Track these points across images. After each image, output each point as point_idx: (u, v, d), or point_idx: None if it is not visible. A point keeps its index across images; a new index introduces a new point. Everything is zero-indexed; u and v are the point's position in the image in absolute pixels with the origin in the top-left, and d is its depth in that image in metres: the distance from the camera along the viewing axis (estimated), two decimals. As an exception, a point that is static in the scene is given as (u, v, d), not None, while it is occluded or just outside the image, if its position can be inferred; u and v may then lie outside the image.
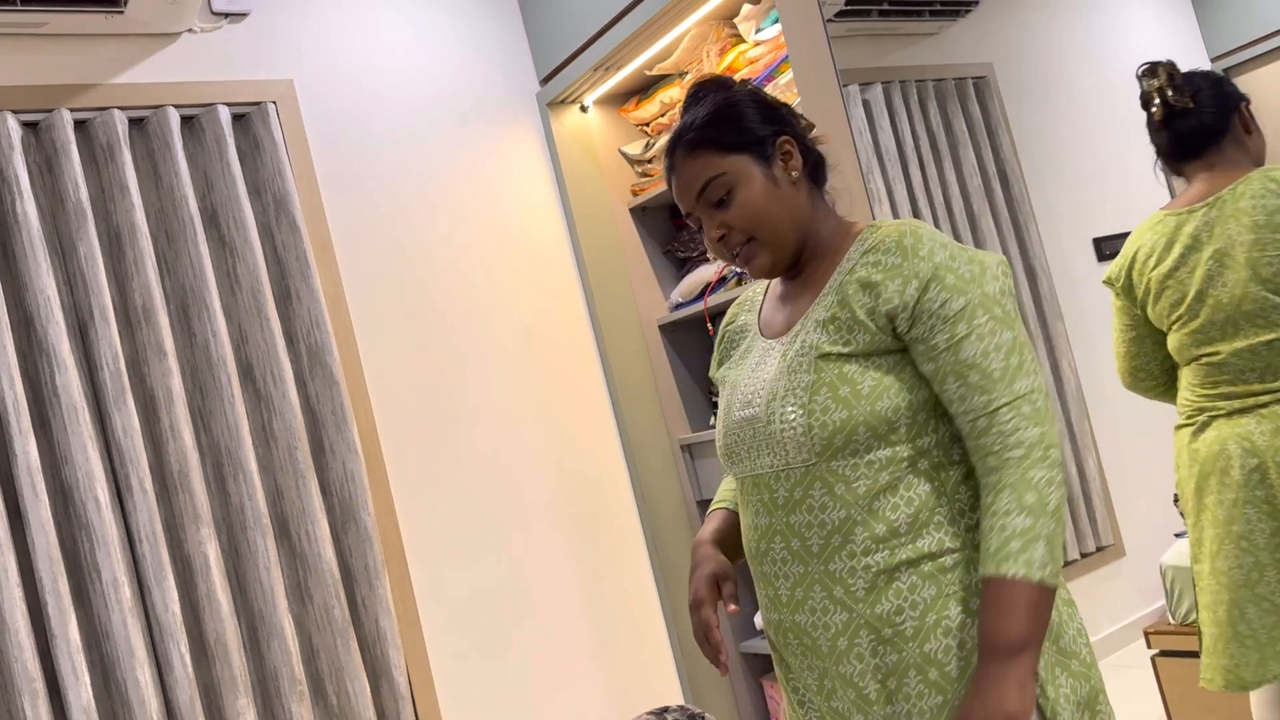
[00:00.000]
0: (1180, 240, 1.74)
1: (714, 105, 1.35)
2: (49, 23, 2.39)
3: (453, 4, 3.13)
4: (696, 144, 1.33)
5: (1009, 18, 2.39)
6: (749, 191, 1.31)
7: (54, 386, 2.31)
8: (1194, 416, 1.77)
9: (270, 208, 2.66)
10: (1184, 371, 1.81)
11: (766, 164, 1.32)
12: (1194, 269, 1.71)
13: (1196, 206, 1.76)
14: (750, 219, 1.32)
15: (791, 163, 1.33)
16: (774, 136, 1.33)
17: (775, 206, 1.32)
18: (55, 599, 2.20)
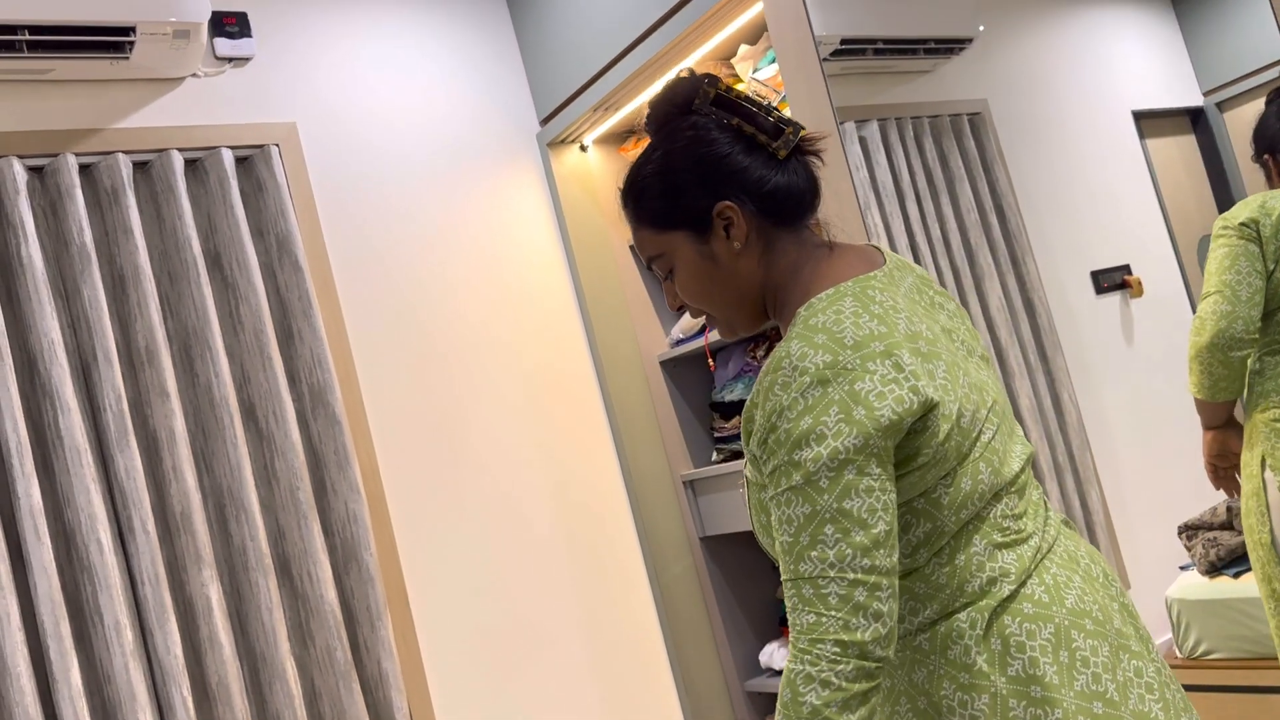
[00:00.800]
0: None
1: (654, 165, 1.22)
2: (55, 69, 2.42)
3: (454, 46, 3.17)
4: (635, 219, 1.25)
5: (1002, 55, 2.42)
6: (686, 273, 1.22)
7: (57, 428, 2.31)
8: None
9: (273, 248, 2.68)
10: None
11: (704, 240, 1.20)
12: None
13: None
14: (695, 299, 1.23)
15: (734, 231, 1.18)
16: (710, 206, 1.19)
17: (716, 287, 1.21)
18: (57, 642, 2.19)
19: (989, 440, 1.15)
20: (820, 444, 1.04)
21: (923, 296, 1.22)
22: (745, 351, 3.07)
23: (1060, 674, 1.09)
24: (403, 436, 2.81)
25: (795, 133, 1.20)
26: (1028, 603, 1.12)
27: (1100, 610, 1.14)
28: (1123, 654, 1.12)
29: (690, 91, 1.22)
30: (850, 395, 1.05)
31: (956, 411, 1.10)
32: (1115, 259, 2.38)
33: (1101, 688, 1.09)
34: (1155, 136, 2.42)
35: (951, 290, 2.34)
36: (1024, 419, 2.33)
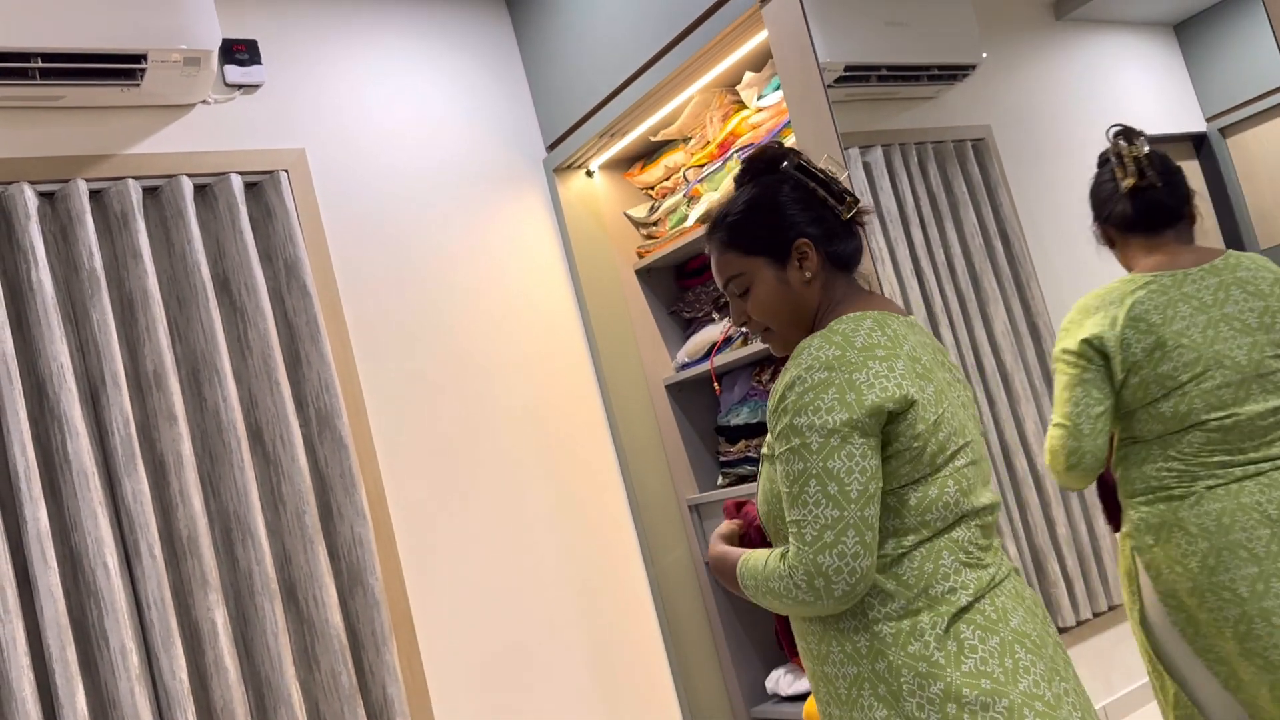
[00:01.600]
0: (1187, 299, 1.74)
1: (746, 203, 1.49)
2: (66, 95, 2.44)
3: (461, 73, 3.20)
4: (724, 243, 1.50)
5: (1006, 81, 2.44)
6: (763, 292, 1.47)
7: (65, 453, 2.32)
8: (1187, 485, 1.72)
9: (281, 274, 2.70)
10: (1157, 443, 1.76)
11: (782, 267, 1.46)
12: (1206, 329, 1.72)
13: (1191, 270, 1.77)
14: (764, 315, 1.48)
15: (806, 263, 1.45)
16: (793, 240, 1.46)
17: (785, 307, 1.47)
18: (63, 666, 2.19)
19: (961, 466, 1.38)
20: (815, 415, 1.31)
21: (939, 352, 1.46)
22: (751, 376, 3.07)
23: (1006, 675, 1.30)
24: (408, 461, 2.81)
25: (855, 203, 1.48)
26: (980, 615, 1.34)
27: (1038, 636, 1.36)
28: (1055, 677, 1.33)
29: (780, 155, 1.51)
30: (847, 382, 1.32)
31: (935, 419, 1.35)
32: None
33: (1040, 692, 1.30)
34: (1159, 162, 2.43)
35: (956, 315, 2.35)
36: (1029, 444, 2.33)
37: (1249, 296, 1.74)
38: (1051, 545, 2.30)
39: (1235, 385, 1.70)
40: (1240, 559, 1.67)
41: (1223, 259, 1.79)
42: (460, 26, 3.24)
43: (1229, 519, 1.68)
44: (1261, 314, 1.74)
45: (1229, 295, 1.75)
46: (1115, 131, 1.88)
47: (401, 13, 3.13)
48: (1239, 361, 1.71)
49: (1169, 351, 1.72)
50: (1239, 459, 1.71)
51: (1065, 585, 2.29)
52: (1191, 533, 1.71)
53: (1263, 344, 1.72)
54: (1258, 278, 1.76)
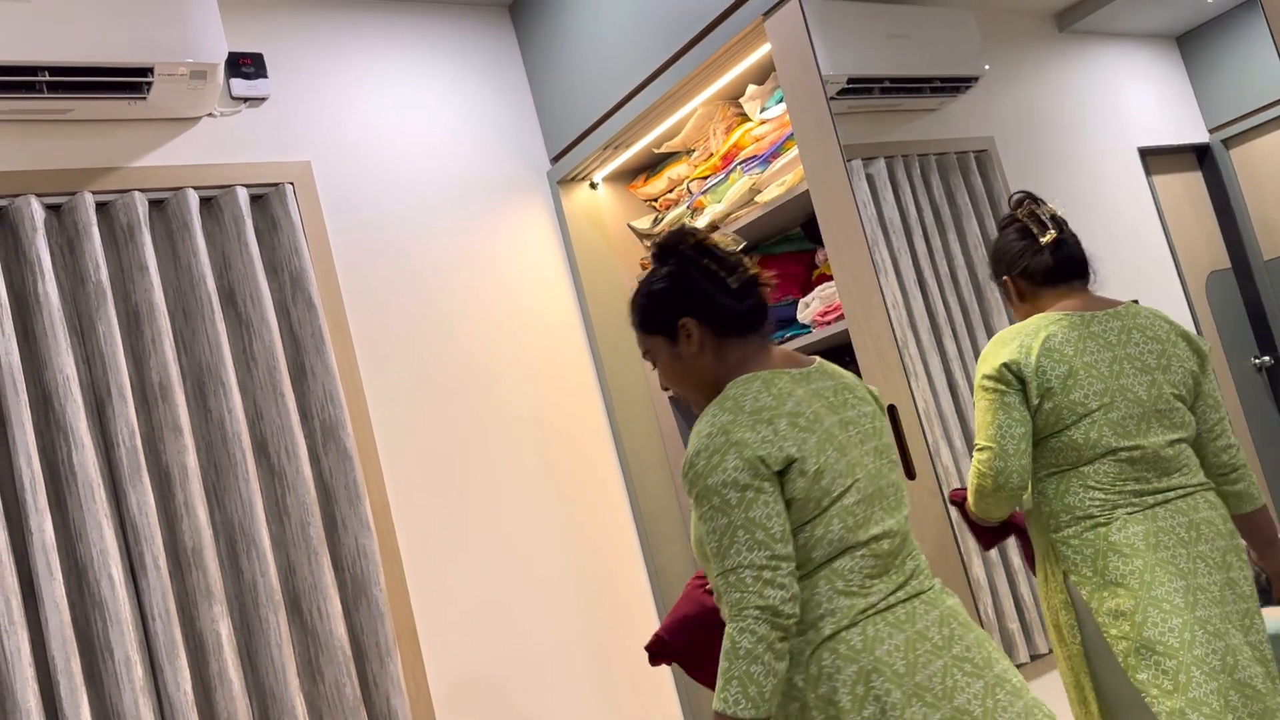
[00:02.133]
0: (1094, 337, 1.91)
1: (646, 288, 1.69)
2: (74, 109, 2.46)
3: (466, 86, 3.21)
4: (633, 324, 1.73)
5: (1008, 93, 2.44)
6: (664, 364, 1.69)
7: (71, 464, 2.33)
8: (1110, 512, 1.85)
9: (286, 286, 2.70)
10: (1074, 474, 1.88)
11: (675, 343, 1.65)
12: (1112, 364, 1.88)
13: (1098, 312, 1.94)
14: (670, 382, 1.70)
15: (692, 340, 1.63)
16: (677, 320, 1.64)
17: (684, 376, 1.67)
18: (67, 678, 2.20)
19: (849, 504, 1.53)
20: (724, 474, 1.48)
21: (836, 396, 1.62)
22: (755, 387, 3.07)
23: (854, 704, 1.45)
24: (413, 472, 2.82)
25: (745, 271, 1.65)
26: (843, 644, 1.48)
27: (906, 665, 1.47)
28: (915, 701, 1.45)
29: (677, 239, 1.68)
30: (739, 442, 1.49)
31: (816, 469, 1.51)
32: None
33: (886, 719, 1.44)
34: (1162, 173, 2.43)
35: (959, 325, 2.35)
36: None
37: (1148, 340, 1.92)
38: (1056, 556, 2.30)
39: (1138, 418, 1.86)
40: (1170, 573, 1.79)
41: (1125, 307, 1.97)
42: (465, 40, 3.25)
43: (1154, 539, 1.82)
44: (1159, 356, 1.91)
45: (1130, 338, 1.92)
46: (1020, 197, 2.05)
47: (407, 26, 3.15)
48: (1140, 396, 1.87)
49: (1080, 380, 1.86)
50: (1148, 488, 1.86)
51: (1070, 596, 2.29)
52: (1125, 553, 1.81)
53: (1160, 382, 1.89)
54: (1155, 325, 1.95)
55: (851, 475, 1.55)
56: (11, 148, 2.47)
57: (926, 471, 2.24)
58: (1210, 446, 1.95)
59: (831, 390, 1.62)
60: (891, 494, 1.60)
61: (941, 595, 1.59)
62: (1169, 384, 1.90)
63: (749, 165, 2.83)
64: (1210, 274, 2.39)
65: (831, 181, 2.34)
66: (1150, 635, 1.78)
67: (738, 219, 2.88)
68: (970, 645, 1.54)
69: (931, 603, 1.56)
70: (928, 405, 2.27)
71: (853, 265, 2.32)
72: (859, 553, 1.53)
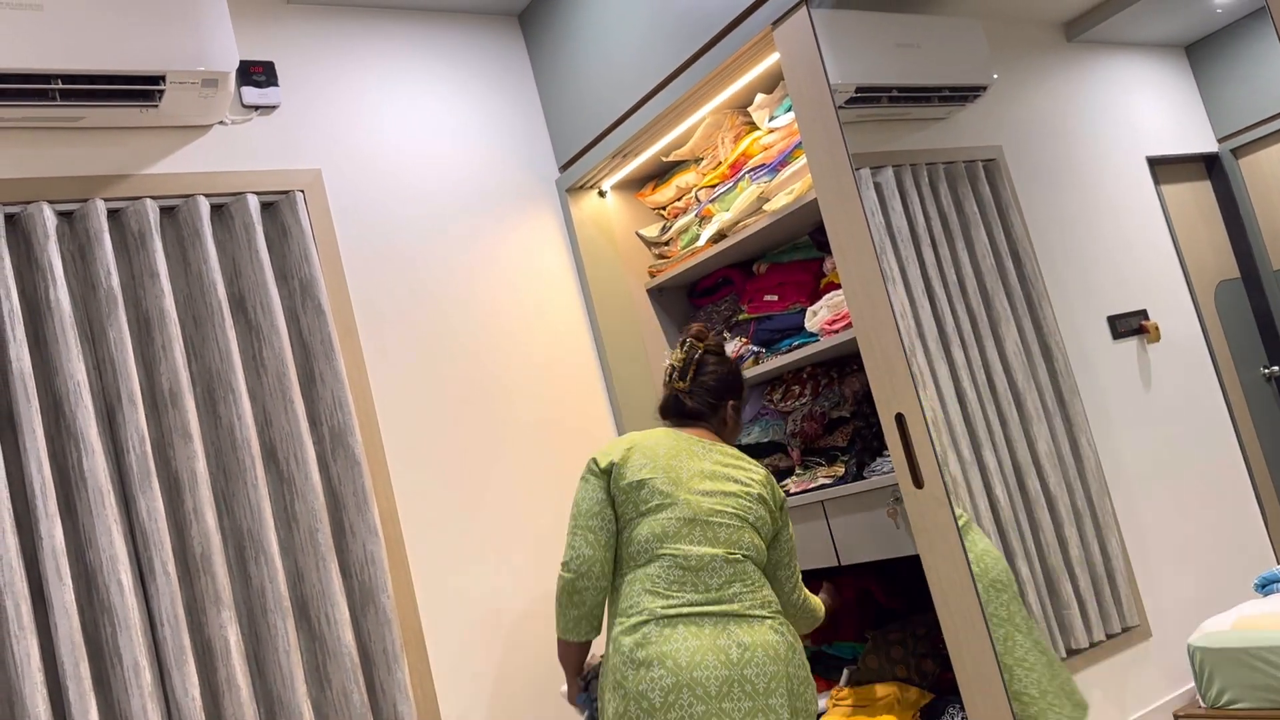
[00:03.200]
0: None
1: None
2: (86, 117, 2.48)
3: (475, 94, 3.22)
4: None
5: (1017, 102, 2.45)
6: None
7: (81, 470, 2.34)
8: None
9: (296, 293, 2.72)
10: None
11: None
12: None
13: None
14: None
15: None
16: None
17: None
18: (76, 683, 2.20)
19: (661, 519, 2.13)
20: (581, 479, 2.22)
21: (708, 455, 2.23)
22: (762, 395, 3.07)
23: (610, 690, 2.03)
24: (421, 479, 2.82)
25: (672, 380, 2.36)
26: (624, 640, 2.04)
27: (620, 676, 2.03)
28: (630, 697, 2.00)
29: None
30: (595, 457, 2.23)
31: (635, 480, 2.16)
32: (1131, 304, 2.38)
33: (628, 714, 1.99)
34: (1170, 182, 2.43)
35: (967, 334, 2.35)
36: (1041, 464, 2.32)
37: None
38: (1064, 566, 2.29)
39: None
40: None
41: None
42: (475, 48, 3.27)
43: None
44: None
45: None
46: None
47: (417, 35, 3.16)
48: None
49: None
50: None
51: (1079, 606, 2.28)
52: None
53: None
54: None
55: (673, 499, 2.13)
56: (24, 155, 2.49)
57: (934, 480, 2.24)
58: None
59: (704, 449, 2.24)
60: (721, 532, 2.12)
61: (753, 625, 2.05)
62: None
63: (757, 174, 2.83)
64: (1219, 284, 2.39)
65: (840, 190, 2.34)
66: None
67: (746, 227, 2.88)
68: (744, 674, 2.00)
69: (722, 625, 2.04)
70: (935, 414, 2.26)
71: (861, 274, 2.32)
72: (668, 563, 2.08)
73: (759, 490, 2.22)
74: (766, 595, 2.14)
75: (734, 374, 2.40)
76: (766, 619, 2.09)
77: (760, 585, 2.14)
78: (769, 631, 2.07)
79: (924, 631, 2.76)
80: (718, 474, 2.23)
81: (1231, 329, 2.37)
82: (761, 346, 2.99)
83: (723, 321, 3.18)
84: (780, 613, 2.15)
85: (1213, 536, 2.35)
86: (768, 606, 2.12)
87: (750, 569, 2.14)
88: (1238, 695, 2.13)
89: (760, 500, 2.22)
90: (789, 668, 2.06)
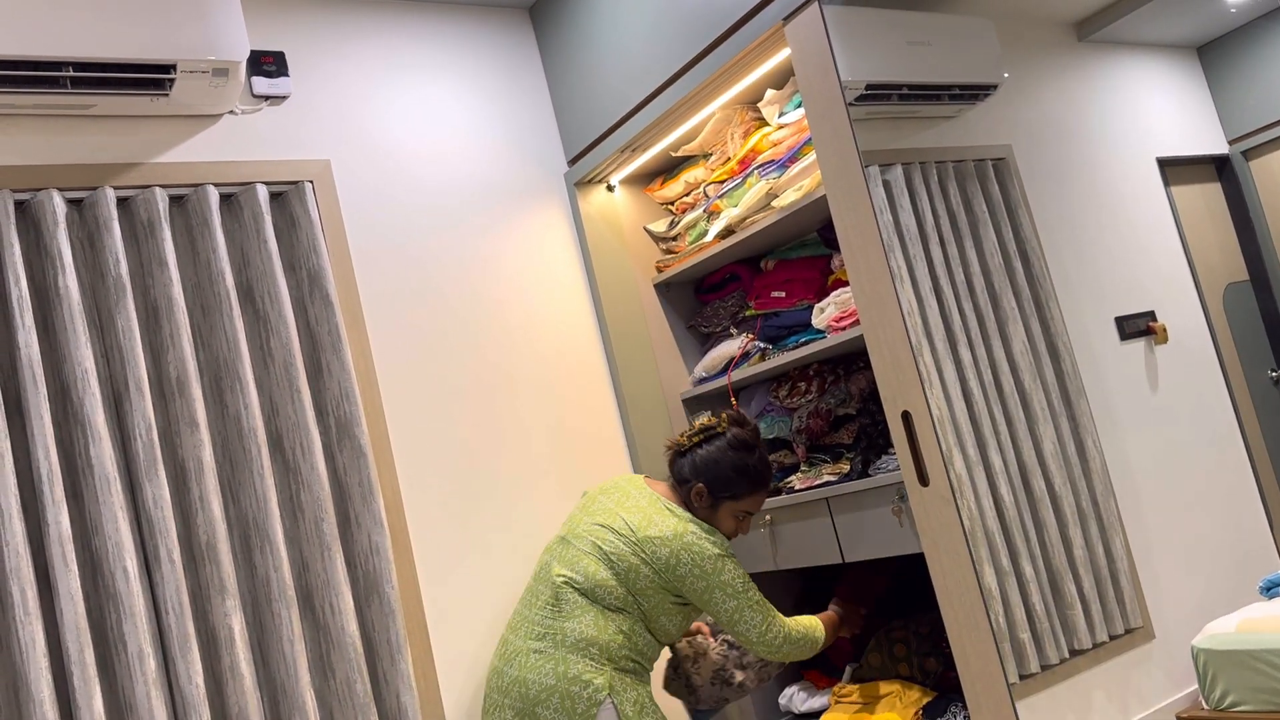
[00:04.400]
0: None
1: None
2: (96, 104, 2.48)
3: (485, 87, 3.22)
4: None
5: (1027, 101, 2.44)
6: None
7: (88, 457, 2.34)
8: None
9: (304, 283, 2.72)
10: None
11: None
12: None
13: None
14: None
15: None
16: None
17: None
18: (80, 669, 2.21)
19: (550, 551, 2.54)
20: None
21: (618, 488, 2.59)
22: (768, 391, 3.08)
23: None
24: (427, 470, 2.83)
25: (679, 435, 2.66)
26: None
27: (492, 676, 2.46)
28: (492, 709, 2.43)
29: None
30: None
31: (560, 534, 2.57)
32: (1140, 305, 2.38)
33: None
34: (1180, 184, 2.43)
35: (975, 333, 2.35)
36: (1047, 464, 2.32)
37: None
38: (1068, 566, 2.29)
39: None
40: None
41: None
42: (485, 41, 3.27)
43: None
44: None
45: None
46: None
47: (427, 27, 3.16)
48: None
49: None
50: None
51: (1082, 607, 2.28)
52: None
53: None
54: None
55: (557, 536, 2.57)
56: (34, 142, 2.49)
57: (940, 478, 2.24)
58: None
59: (623, 484, 2.59)
60: (576, 554, 2.45)
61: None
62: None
63: (766, 170, 2.83)
64: (1228, 286, 2.38)
65: (849, 187, 2.34)
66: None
67: (754, 223, 2.88)
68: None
69: (525, 637, 2.42)
70: (942, 412, 2.26)
71: (869, 271, 2.32)
72: (541, 584, 2.48)
73: (640, 536, 2.41)
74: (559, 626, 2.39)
75: (723, 464, 2.50)
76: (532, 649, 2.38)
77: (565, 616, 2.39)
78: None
79: (927, 630, 2.76)
80: (620, 511, 2.49)
81: (1240, 331, 2.37)
82: (768, 343, 2.99)
83: (729, 317, 3.18)
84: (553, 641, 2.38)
85: (1218, 539, 2.34)
86: (543, 639, 2.38)
87: (569, 596, 2.41)
88: (1241, 698, 2.13)
89: (637, 546, 2.40)
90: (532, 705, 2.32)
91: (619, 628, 2.37)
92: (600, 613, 2.37)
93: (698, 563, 2.38)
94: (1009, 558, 2.28)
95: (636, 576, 2.39)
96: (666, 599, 2.41)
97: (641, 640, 2.40)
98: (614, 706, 2.28)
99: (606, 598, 2.38)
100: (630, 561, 2.39)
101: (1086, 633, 2.28)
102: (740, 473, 2.50)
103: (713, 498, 2.51)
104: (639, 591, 2.39)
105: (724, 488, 2.50)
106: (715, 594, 2.39)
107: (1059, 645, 2.26)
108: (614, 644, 2.35)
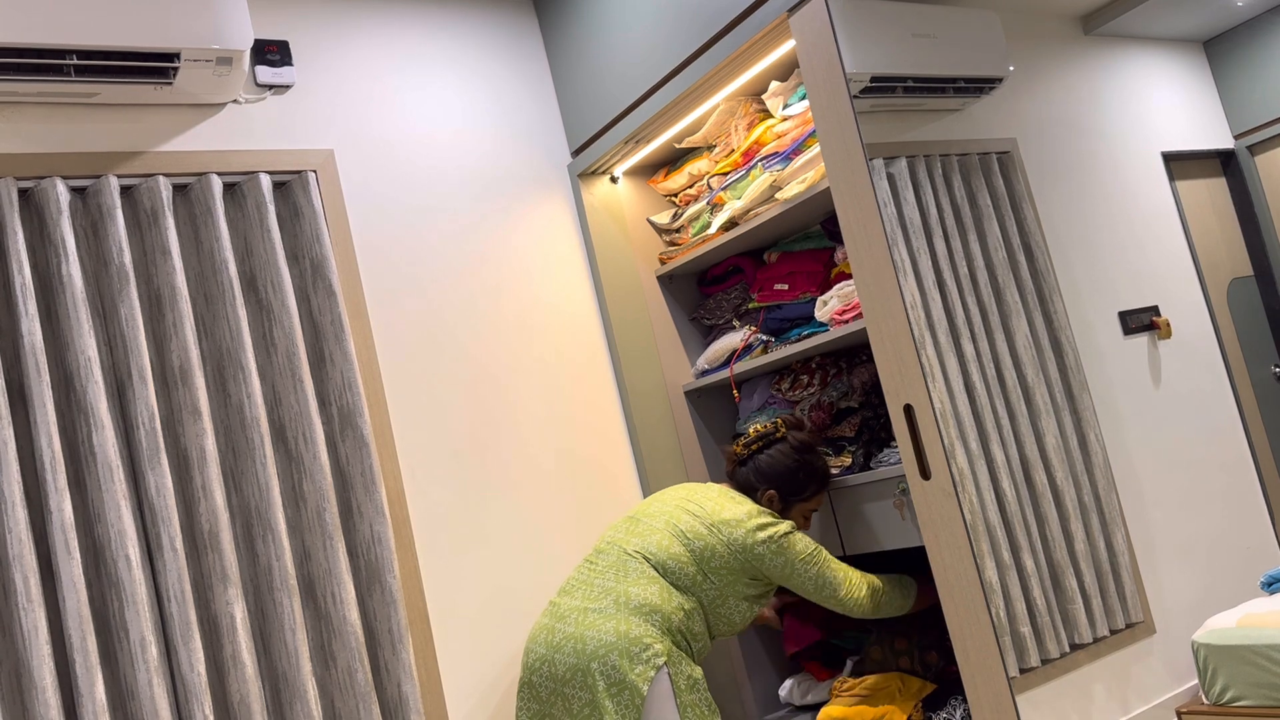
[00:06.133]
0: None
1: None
2: (100, 93, 2.48)
3: (489, 77, 3.22)
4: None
5: (1032, 95, 2.44)
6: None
7: (90, 445, 2.35)
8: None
9: (307, 273, 2.72)
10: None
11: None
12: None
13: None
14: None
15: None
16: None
17: None
18: (83, 656, 2.22)
19: (616, 528, 2.60)
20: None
21: (675, 494, 2.65)
22: (770, 384, 3.08)
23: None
24: (429, 461, 2.83)
25: (734, 444, 2.73)
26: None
27: (533, 639, 2.48)
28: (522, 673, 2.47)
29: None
30: None
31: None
32: (1143, 300, 2.38)
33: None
34: (1185, 178, 2.42)
35: (978, 327, 2.35)
36: (1049, 458, 2.32)
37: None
38: (1069, 560, 2.29)
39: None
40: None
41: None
42: (489, 31, 3.26)
43: None
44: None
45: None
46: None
47: (432, 17, 3.16)
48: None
49: None
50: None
51: (1083, 601, 2.28)
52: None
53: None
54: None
55: (628, 515, 2.64)
56: (38, 130, 2.49)
57: (942, 472, 2.24)
58: None
59: (689, 489, 2.64)
60: (637, 526, 2.56)
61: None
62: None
63: (770, 162, 2.83)
64: (1232, 281, 2.38)
65: (852, 180, 2.34)
66: None
67: (757, 215, 2.88)
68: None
69: (564, 601, 2.47)
70: (944, 406, 2.26)
71: (872, 264, 2.32)
72: (595, 554, 2.56)
73: (714, 520, 2.48)
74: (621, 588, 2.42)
75: (791, 468, 2.56)
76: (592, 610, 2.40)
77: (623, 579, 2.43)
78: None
79: (928, 623, 2.76)
80: (691, 498, 2.57)
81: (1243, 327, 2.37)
82: (770, 335, 2.99)
83: (732, 310, 3.18)
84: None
85: (1219, 534, 2.35)
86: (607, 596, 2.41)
87: (638, 566, 2.45)
88: (1241, 692, 2.13)
89: (712, 529, 2.46)
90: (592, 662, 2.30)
91: (681, 604, 2.40)
92: (666, 587, 2.40)
93: (774, 539, 2.44)
94: (1010, 551, 2.28)
95: (711, 555, 2.43)
96: (740, 580, 2.45)
97: (698, 625, 2.43)
98: (670, 677, 2.28)
99: (677, 573, 2.42)
100: (706, 540, 2.44)
101: (1087, 627, 2.28)
102: (809, 475, 2.59)
103: (784, 502, 2.59)
104: (712, 570, 2.43)
105: (795, 491, 2.58)
106: (796, 567, 2.45)
107: (1059, 639, 2.27)
108: (675, 617, 2.37)
